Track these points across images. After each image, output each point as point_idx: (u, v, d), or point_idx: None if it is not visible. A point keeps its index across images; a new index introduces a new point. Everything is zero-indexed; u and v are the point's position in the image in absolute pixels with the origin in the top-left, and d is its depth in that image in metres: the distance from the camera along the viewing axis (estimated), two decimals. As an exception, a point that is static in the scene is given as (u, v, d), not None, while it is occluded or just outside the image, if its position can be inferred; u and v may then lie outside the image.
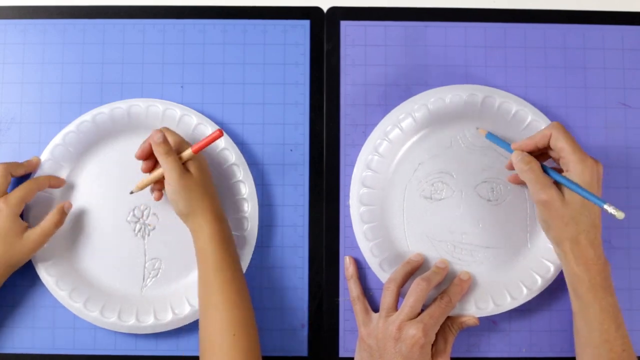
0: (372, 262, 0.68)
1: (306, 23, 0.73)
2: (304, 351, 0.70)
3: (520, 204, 0.69)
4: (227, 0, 0.73)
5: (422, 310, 0.64)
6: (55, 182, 0.69)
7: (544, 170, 0.61)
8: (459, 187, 0.70)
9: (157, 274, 0.69)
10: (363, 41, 0.73)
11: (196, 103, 0.71)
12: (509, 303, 0.67)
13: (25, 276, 0.69)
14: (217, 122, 0.70)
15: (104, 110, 0.70)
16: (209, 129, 0.69)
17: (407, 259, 0.68)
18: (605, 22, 0.73)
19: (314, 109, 0.72)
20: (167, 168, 0.62)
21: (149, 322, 0.67)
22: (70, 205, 0.69)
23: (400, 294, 0.65)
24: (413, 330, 0.61)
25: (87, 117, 0.70)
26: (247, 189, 0.69)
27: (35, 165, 0.69)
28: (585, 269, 0.60)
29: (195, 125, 0.70)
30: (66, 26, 0.73)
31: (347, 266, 0.69)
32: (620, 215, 0.57)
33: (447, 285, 0.67)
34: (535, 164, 0.61)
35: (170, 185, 0.62)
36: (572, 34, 0.73)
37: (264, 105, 0.72)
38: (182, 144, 0.64)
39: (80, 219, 0.70)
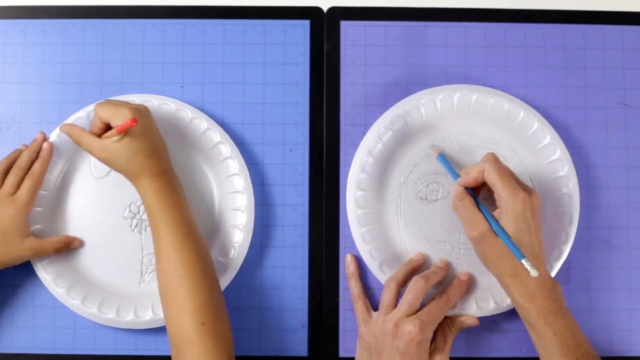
0: (372, 264, 0.68)
1: (306, 23, 0.73)
2: (304, 351, 0.70)
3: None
4: (227, 0, 0.74)
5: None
6: (45, 161, 0.68)
7: (479, 206, 0.62)
8: None
9: (154, 269, 0.69)
10: (363, 41, 0.73)
11: (196, 103, 0.71)
12: (510, 302, 0.67)
13: (24, 276, 0.69)
14: (217, 122, 0.70)
15: None
16: (204, 123, 0.69)
17: (408, 258, 0.68)
18: (605, 22, 0.73)
19: (314, 109, 0.72)
20: (87, 150, 0.64)
21: (147, 317, 0.67)
22: (80, 244, 0.69)
23: (400, 293, 0.65)
24: (410, 327, 0.61)
25: (81, 113, 0.70)
26: (242, 182, 0.69)
27: (40, 142, 0.69)
28: (529, 299, 0.60)
29: (190, 119, 0.70)
30: (66, 26, 0.73)
31: (347, 264, 0.69)
32: (534, 273, 0.57)
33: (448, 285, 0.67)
34: (467, 201, 0.62)
35: (98, 160, 0.64)
36: (572, 34, 0.73)
37: (264, 105, 0.72)
38: (115, 114, 0.62)
39: (76, 215, 0.70)
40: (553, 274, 0.67)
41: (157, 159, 0.64)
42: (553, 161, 0.69)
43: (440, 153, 0.68)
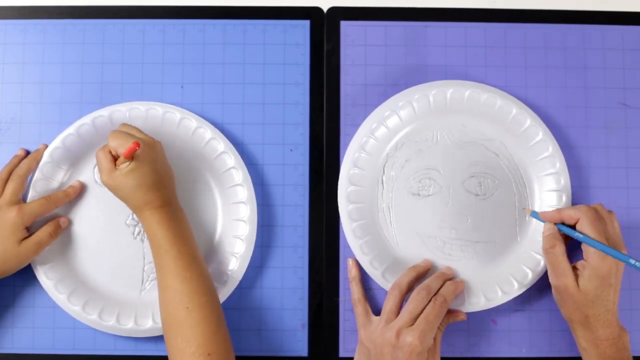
0: (371, 271, 0.68)
1: (306, 23, 0.73)
2: (304, 351, 0.70)
3: (508, 198, 0.69)
4: (227, 0, 0.74)
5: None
6: (68, 196, 0.69)
7: (571, 228, 0.63)
8: (446, 182, 0.70)
9: (155, 278, 0.69)
10: (363, 41, 0.73)
11: (196, 103, 0.71)
12: (500, 297, 0.67)
13: (24, 277, 0.69)
14: (217, 122, 0.70)
15: (103, 114, 0.69)
16: (208, 132, 0.69)
17: (414, 264, 0.68)
18: (605, 22, 0.73)
19: (314, 109, 0.72)
20: (100, 173, 0.64)
21: (148, 325, 0.67)
22: (67, 221, 0.69)
23: (404, 299, 0.65)
24: (410, 338, 0.60)
25: (86, 119, 0.69)
26: (245, 192, 0.69)
27: (41, 152, 0.69)
28: (593, 345, 0.62)
29: (194, 128, 0.69)
30: (66, 26, 0.73)
31: (349, 268, 0.69)
32: None
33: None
34: (558, 249, 0.63)
35: (103, 183, 0.64)
36: (572, 34, 0.73)
37: (264, 105, 0.72)
38: (123, 144, 0.62)
39: (79, 222, 0.70)
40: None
41: (160, 192, 0.63)
42: (545, 158, 0.69)
43: (533, 211, 0.68)
